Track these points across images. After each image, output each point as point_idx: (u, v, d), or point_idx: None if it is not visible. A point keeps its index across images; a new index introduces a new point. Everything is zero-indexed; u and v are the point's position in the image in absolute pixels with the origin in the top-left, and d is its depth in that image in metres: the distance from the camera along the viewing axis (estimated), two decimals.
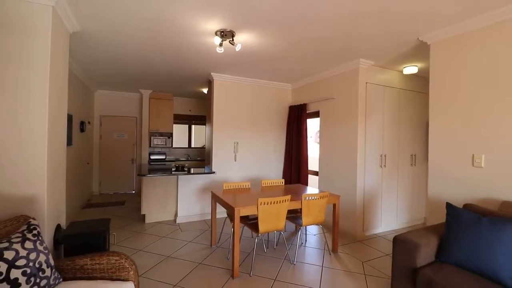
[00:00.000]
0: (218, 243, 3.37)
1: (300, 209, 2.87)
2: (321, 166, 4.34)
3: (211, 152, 4.57)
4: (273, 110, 5.08)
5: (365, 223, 3.72)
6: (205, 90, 5.56)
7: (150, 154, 6.25)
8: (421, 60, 3.43)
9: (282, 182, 3.87)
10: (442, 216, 2.12)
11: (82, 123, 4.83)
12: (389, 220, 3.95)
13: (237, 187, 3.55)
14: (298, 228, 3.17)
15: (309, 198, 2.86)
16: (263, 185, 3.69)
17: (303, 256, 3.05)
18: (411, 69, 3.69)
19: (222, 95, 4.59)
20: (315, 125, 4.79)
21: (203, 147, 7.15)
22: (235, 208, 2.54)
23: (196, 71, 4.31)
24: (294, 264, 2.84)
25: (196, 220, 4.34)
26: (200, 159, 6.92)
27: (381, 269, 2.74)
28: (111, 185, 6.31)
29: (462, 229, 1.86)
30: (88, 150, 5.59)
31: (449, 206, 2.04)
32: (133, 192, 6.43)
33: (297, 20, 2.45)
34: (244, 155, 4.79)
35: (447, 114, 2.58)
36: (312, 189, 3.59)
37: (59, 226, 2.28)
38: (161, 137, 6.37)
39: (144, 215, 4.19)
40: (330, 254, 3.10)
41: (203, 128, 7.25)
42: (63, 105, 2.47)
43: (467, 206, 2.13)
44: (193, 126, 7.33)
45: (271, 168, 5.09)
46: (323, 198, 2.94)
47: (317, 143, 4.50)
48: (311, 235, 3.75)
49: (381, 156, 3.82)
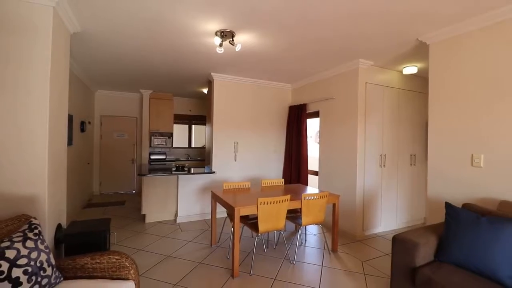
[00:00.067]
0: (218, 243, 3.38)
1: (300, 209, 2.87)
2: (321, 166, 4.35)
3: (211, 152, 4.58)
4: (273, 110, 5.09)
5: (365, 223, 3.72)
6: (205, 90, 5.57)
7: (150, 154, 6.27)
8: (421, 60, 3.43)
9: (282, 182, 3.88)
10: (442, 216, 2.12)
11: (83, 123, 4.84)
12: (389, 220, 3.95)
13: (237, 187, 3.55)
14: (298, 228, 3.17)
15: (309, 198, 2.86)
16: (263, 185, 3.70)
17: (303, 256, 3.06)
18: (411, 69, 3.70)
19: (222, 95, 4.60)
20: (315, 125, 4.80)
21: (203, 147, 7.16)
22: (235, 208, 2.55)
23: (196, 71, 4.32)
24: (294, 264, 2.85)
25: (196, 220, 4.35)
26: (200, 159, 6.94)
27: (381, 269, 2.75)
28: (112, 185, 6.32)
29: (461, 229, 1.86)
30: (89, 150, 5.60)
31: (448, 206, 2.04)
32: (133, 192, 6.44)
33: (297, 20, 2.46)
34: (244, 155, 4.80)
35: (447, 114, 2.59)
36: (312, 189, 3.59)
37: (60, 226, 2.29)
38: (161, 137, 6.39)
39: (144, 215, 4.20)
40: (330, 254, 3.11)
41: (203, 128, 7.25)
42: (64, 105, 2.48)
43: (466, 206, 2.13)
44: (193, 126, 7.35)
45: (271, 168, 5.10)
46: (323, 198, 2.95)
47: (317, 143, 4.51)
48: (311, 235, 3.76)
49: (381, 156, 3.82)
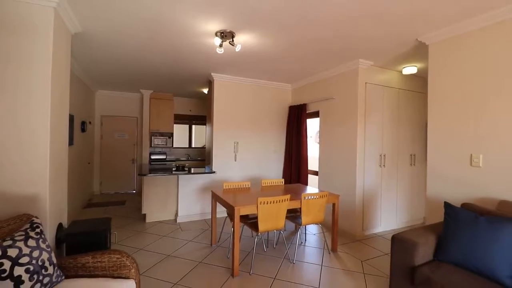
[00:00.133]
0: (218, 242, 3.39)
1: (300, 209, 2.89)
2: (321, 166, 4.36)
3: (212, 152, 4.59)
4: (273, 110, 5.10)
5: (365, 223, 3.73)
6: (206, 90, 5.58)
7: (151, 154, 6.28)
8: (420, 61, 3.44)
9: (282, 182, 3.89)
10: (441, 216, 2.13)
11: (83, 123, 4.86)
12: (389, 220, 3.96)
13: (237, 187, 3.56)
14: (298, 228, 3.18)
15: (309, 198, 2.87)
16: (263, 185, 3.71)
17: (303, 255, 3.07)
18: (410, 69, 3.71)
19: (222, 95, 4.61)
20: (315, 125, 4.81)
21: (204, 147, 7.17)
22: (235, 208, 2.56)
23: (197, 72, 4.33)
24: (294, 263, 2.86)
25: (197, 220, 4.36)
26: (201, 159, 6.95)
27: (380, 268, 2.76)
28: (112, 185, 6.34)
29: (460, 228, 1.87)
30: (89, 150, 5.61)
31: (447, 206, 2.05)
32: (134, 192, 6.45)
33: (297, 21, 2.47)
34: (244, 155, 4.81)
35: (446, 114, 2.59)
36: (312, 189, 3.60)
37: (61, 225, 2.30)
38: (162, 137, 6.40)
39: (145, 215, 4.22)
40: (330, 253, 3.12)
41: (204, 128, 7.26)
42: (65, 105, 2.49)
43: (465, 206, 2.14)
44: (194, 126, 7.36)
45: (271, 168, 5.11)
46: (323, 198, 2.96)
47: (317, 143, 4.52)
48: (311, 235, 3.77)
49: (381, 156, 3.83)
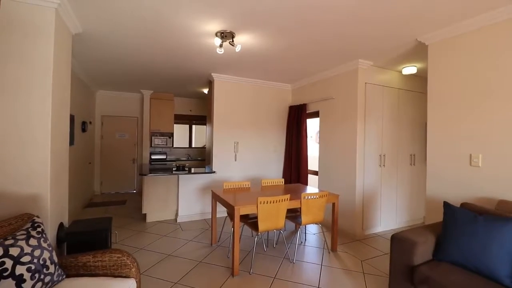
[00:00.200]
0: (219, 242, 3.40)
1: (300, 208, 2.90)
2: (321, 166, 4.36)
3: (212, 152, 4.60)
4: (273, 110, 5.11)
5: (365, 222, 3.74)
6: (206, 91, 5.59)
7: (151, 154, 6.29)
8: (420, 61, 3.45)
9: (282, 182, 3.90)
10: (441, 215, 2.14)
11: (84, 123, 4.87)
12: (389, 220, 3.97)
13: (237, 187, 3.57)
14: (298, 227, 3.19)
15: (309, 198, 2.88)
16: (263, 185, 3.72)
17: (303, 255, 3.08)
18: (410, 70, 3.72)
19: (223, 95, 4.62)
20: (315, 125, 4.82)
21: (204, 147, 7.18)
22: (235, 207, 2.57)
23: (197, 72, 4.34)
24: (294, 263, 2.87)
25: (197, 219, 4.37)
26: (201, 159, 6.96)
27: (380, 268, 2.77)
28: (112, 185, 6.35)
29: (459, 228, 1.88)
30: (90, 150, 5.63)
31: (446, 205, 2.06)
32: (134, 192, 6.47)
33: (297, 22, 2.48)
34: (244, 155, 4.83)
35: (445, 114, 2.60)
36: (312, 189, 3.61)
37: (62, 224, 2.31)
38: (162, 137, 6.41)
39: (145, 214, 4.23)
40: (329, 253, 3.13)
41: (204, 128, 7.28)
42: (66, 106, 2.50)
43: (464, 205, 2.15)
44: (194, 126, 7.37)
45: (271, 168, 5.12)
46: (322, 198, 2.96)
47: (318, 143, 4.53)
48: (311, 234, 3.78)
49: (380, 156, 3.84)
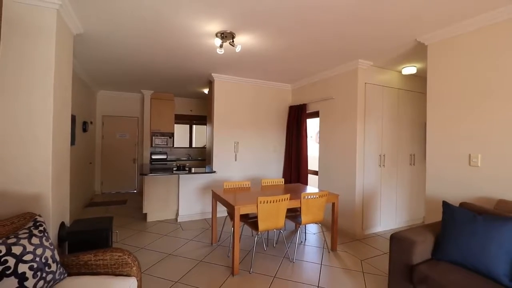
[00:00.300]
0: (219, 242, 3.41)
1: (300, 208, 2.91)
2: (321, 166, 4.38)
3: (212, 152, 4.62)
4: (273, 110, 5.12)
5: (364, 222, 3.75)
6: (206, 91, 5.60)
7: (152, 154, 6.31)
8: (420, 61, 3.46)
9: (282, 182, 3.91)
10: (440, 215, 2.14)
11: (85, 123, 4.89)
12: (388, 219, 3.98)
13: (238, 186, 3.58)
14: (298, 227, 3.20)
15: (308, 197, 2.89)
16: (263, 184, 3.73)
17: (302, 254, 3.09)
18: (410, 70, 3.73)
19: (223, 96, 4.63)
20: (315, 125, 4.83)
21: (204, 147, 7.20)
22: (235, 207, 2.58)
23: (197, 72, 4.36)
24: (294, 262, 2.88)
25: (197, 219, 4.39)
26: (201, 159, 6.98)
27: (379, 267, 2.78)
28: (113, 185, 6.37)
29: (458, 227, 1.89)
30: (91, 150, 5.65)
31: (445, 205, 2.07)
32: (135, 192, 6.49)
33: (296, 22, 2.49)
34: (245, 155, 4.84)
35: (445, 114, 2.61)
36: (312, 189, 3.62)
37: (63, 224, 2.33)
38: (163, 137, 6.43)
39: (146, 214, 4.24)
40: (329, 252, 3.14)
41: (204, 128, 7.30)
42: (67, 106, 2.52)
43: (463, 205, 2.16)
44: (194, 126, 7.39)
45: (271, 168, 5.13)
46: (322, 197, 2.98)
47: (318, 143, 4.54)
48: (311, 234, 3.79)
49: (380, 156, 3.85)
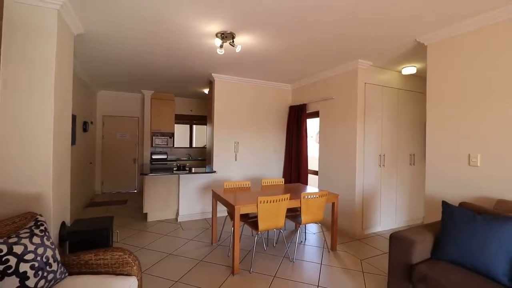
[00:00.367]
0: (219, 241, 3.42)
1: (300, 208, 2.91)
2: (321, 166, 4.38)
3: (212, 152, 4.62)
4: (273, 110, 5.13)
5: (364, 222, 3.76)
6: (206, 91, 5.61)
7: (152, 154, 6.32)
8: (419, 61, 3.46)
9: (282, 182, 3.92)
10: (440, 215, 2.15)
11: (85, 123, 4.89)
12: (388, 219, 3.98)
13: (238, 186, 3.59)
14: (298, 226, 3.21)
15: (308, 197, 2.90)
16: (263, 184, 3.74)
17: (302, 254, 3.10)
18: (410, 70, 3.73)
19: (223, 96, 4.64)
20: (315, 125, 4.83)
21: (204, 147, 7.21)
22: (235, 206, 2.59)
23: (197, 72, 4.36)
24: (294, 262, 2.88)
25: (197, 219, 4.39)
26: (201, 159, 6.98)
27: (379, 267, 2.79)
28: (113, 185, 6.38)
29: (457, 227, 1.89)
30: (91, 150, 5.66)
31: (445, 205, 2.08)
32: (135, 191, 6.49)
33: (296, 22, 2.50)
34: (245, 155, 4.85)
35: (444, 114, 2.62)
36: (312, 188, 3.62)
37: (64, 223, 2.34)
38: (163, 137, 6.44)
39: (146, 214, 4.25)
40: (329, 252, 3.15)
41: (204, 128, 7.30)
42: (68, 106, 2.52)
43: (463, 205, 2.16)
44: (194, 126, 7.40)
45: (271, 168, 5.14)
46: (322, 197, 2.98)
47: (318, 143, 4.54)
48: (311, 234, 3.80)
49: (380, 156, 3.85)
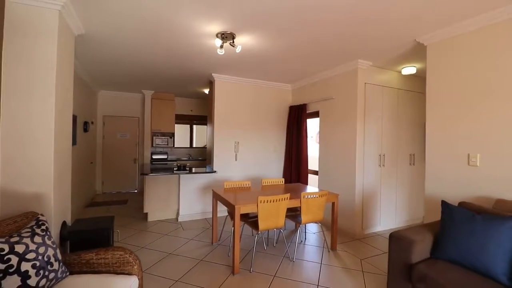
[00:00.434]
0: (219, 241, 3.43)
1: (300, 208, 2.92)
2: (321, 166, 4.39)
3: (212, 152, 4.63)
4: (274, 110, 5.14)
5: (364, 222, 3.76)
6: (207, 91, 5.62)
7: (152, 154, 6.33)
8: (419, 61, 3.46)
9: (282, 181, 3.92)
10: (439, 214, 2.16)
11: (86, 123, 4.91)
12: (388, 219, 3.99)
13: (238, 186, 3.60)
14: (298, 226, 3.22)
15: (308, 197, 2.91)
16: (264, 184, 3.74)
17: (302, 254, 3.10)
18: (410, 70, 3.74)
19: (223, 96, 4.65)
20: (315, 125, 4.84)
21: (205, 147, 7.22)
22: (236, 206, 2.60)
23: (197, 72, 4.37)
24: (294, 261, 2.89)
25: (198, 219, 4.40)
26: (202, 159, 6.99)
27: (379, 266, 2.79)
28: (114, 184, 6.39)
29: (456, 226, 1.90)
30: (91, 150, 5.67)
31: (444, 204, 2.08)
32: (136, 191, 6.51)
33: (296, 23, 2.50)
34: (245, 155, 4.85)
35: (444, 114, 2.62)
36: (312, 188, 3.63)
37: (65, 223, 2.35)
38: (163, 137, 6.45)
39: (147, 214, 4.26)
40: (329, 252, 3.15)
41: (205, 128, 7.31)
42: (69, 106, 2.53)
43: (462, 204, 2.17)
44: (195, 126, 7.41)
45: (272, 168, 5.15)
46: (322, 197, 2.99)
47: (318, 143, 4.55)
48: (311, 233, 3.80)
49: (380, 156, 3.86)
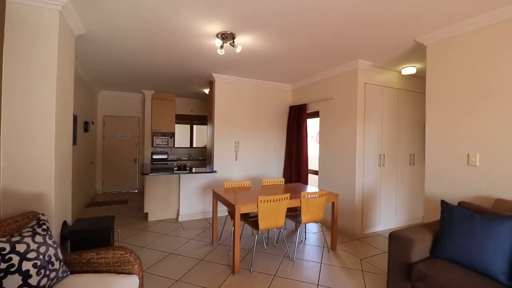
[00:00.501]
0: (219, 241, 3.44)
1: (300, 207, 2.93)
2: (321, 166, 4.39)
3: (213, 152, 4.64)
4: (274, 110, 5.14)
5: (364, 222, 3.77)
6: (207, 91, 5.63)
7: (153, 154, 6.34)
8: (419, 61, 3.47)
9: (282, 181, 3.93)
10: (439, 214, 2.16)
11: (86, 123, 4.92)
12: (388, 219, 3.99)
13: (238, 186, 3.60)
14: (298, 226, 3.23)
15: (308, 197, 2.91)
16: (264, 184, 3.75)
17: (302, 253, 3.11)
18: (410, 70, 3.74)
19: (223, 96, 4.66)
20: (316, 125, 4.85)
21: (205, 147, 7.22)
22: (236, 206, 2.60)
23: (198, 72, 4.38)
24: (294, 261, 2.90)
25: (198, 218, 4.41)
26: (202, 159, 7.00)
27: (379, 266, 2.80)
28: (114, 184, 6.40)
29: (456, 226, 1.91)
30: (92, 150, 5.68)
31: (444, 204, 2.09)
32: (136, 191, 6.51)
33: (296, 23, 2.51)
34: (245, 155, 4.86)
35: (443, 114, 2.63)
36: (312, 188, 3.64)
37: (66, 223, 2.35)
38: (163, 137, 6.46)
39: (147, 214, 4.27)
40: (329, 251, 3.16)
41: (205, 128, 7.32)
42: (69, 106, 2.54)
43: (462, 204, 2.17)
44: (195, 126, 7.41)
45: (272, 168, 5.15)
46: (322, 197, 3.00)
47: (318, 143, 4.55)
48: (311, 233, 3.81)
49: (380, 156, 3.86)
